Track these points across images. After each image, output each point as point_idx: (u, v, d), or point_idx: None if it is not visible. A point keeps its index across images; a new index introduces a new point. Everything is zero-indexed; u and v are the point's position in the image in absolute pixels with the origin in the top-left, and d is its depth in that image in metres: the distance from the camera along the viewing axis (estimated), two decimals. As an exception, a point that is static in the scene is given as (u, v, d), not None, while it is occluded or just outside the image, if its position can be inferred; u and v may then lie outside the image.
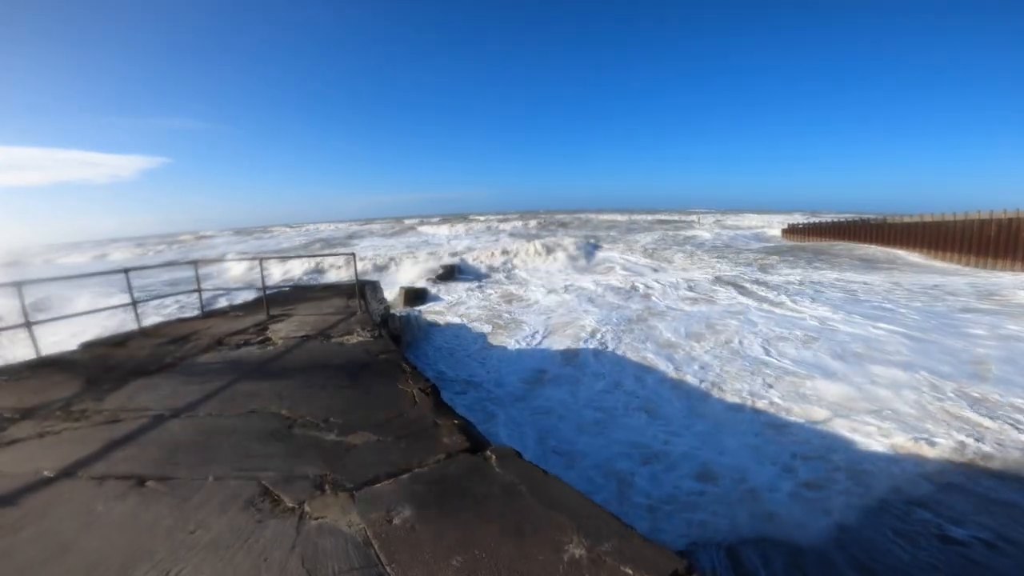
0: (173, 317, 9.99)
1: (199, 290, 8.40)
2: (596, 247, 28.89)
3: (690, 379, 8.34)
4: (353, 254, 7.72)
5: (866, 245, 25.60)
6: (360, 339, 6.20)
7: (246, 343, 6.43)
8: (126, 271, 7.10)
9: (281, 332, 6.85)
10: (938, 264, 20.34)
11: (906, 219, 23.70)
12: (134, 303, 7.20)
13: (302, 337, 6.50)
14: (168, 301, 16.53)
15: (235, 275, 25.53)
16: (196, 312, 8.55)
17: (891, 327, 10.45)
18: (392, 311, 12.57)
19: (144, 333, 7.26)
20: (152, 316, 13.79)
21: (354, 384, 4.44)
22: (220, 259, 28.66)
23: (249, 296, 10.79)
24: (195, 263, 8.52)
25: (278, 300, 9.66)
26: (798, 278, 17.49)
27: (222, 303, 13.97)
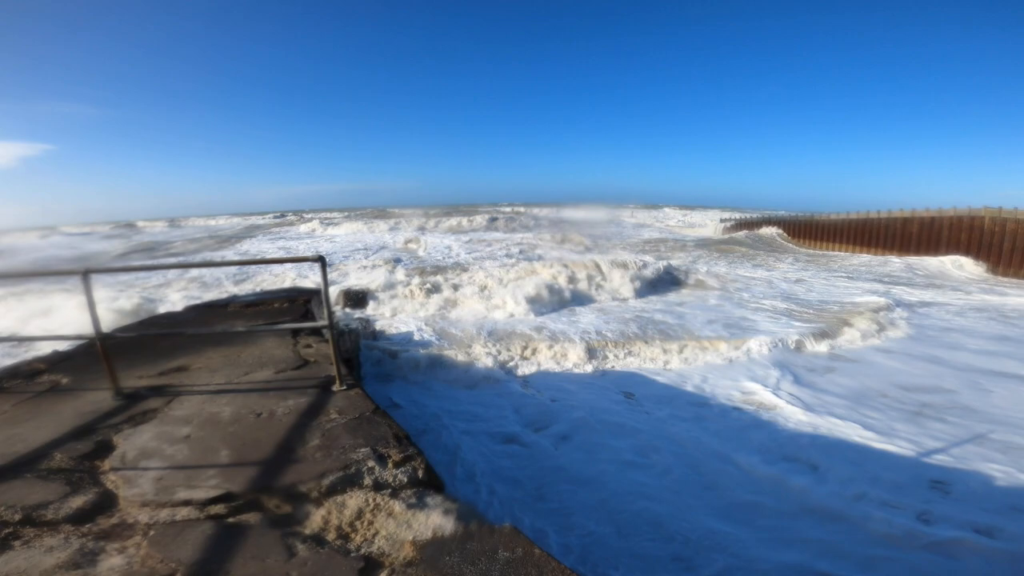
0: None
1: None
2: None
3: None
4: (322, 258, 3.47)
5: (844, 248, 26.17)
6: (411, 533, 2.01)
7: (15, 539, 2.01)
8: None
9: (142, 486, 2.37)
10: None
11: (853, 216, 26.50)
12: None
13: (213, 527, 2.18)
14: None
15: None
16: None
17: None
18: (343, 326, 8.24)
19: None
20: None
21: None
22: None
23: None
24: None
25: (144, 344, 4.79)
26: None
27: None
